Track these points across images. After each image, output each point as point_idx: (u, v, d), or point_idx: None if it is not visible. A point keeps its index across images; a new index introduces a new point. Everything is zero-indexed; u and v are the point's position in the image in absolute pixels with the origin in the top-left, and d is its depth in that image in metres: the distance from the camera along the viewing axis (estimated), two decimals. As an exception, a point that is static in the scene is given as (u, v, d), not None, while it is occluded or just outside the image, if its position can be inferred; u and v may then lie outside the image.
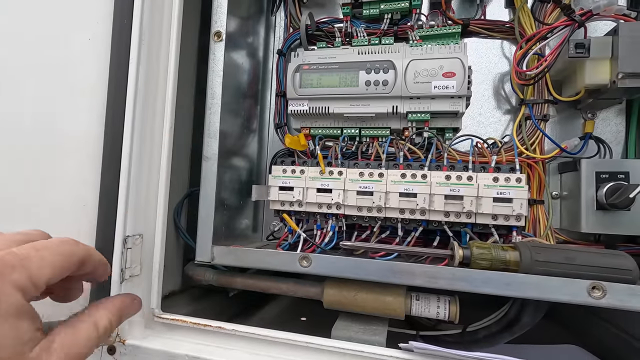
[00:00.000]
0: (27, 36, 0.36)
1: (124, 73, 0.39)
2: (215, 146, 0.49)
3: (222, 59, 0.49)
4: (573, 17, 0.47)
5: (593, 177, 0.47)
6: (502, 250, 0.39)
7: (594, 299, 0.35)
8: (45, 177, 0.38)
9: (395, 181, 0.49)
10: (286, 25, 0.68)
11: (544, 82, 0.53)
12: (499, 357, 0.34)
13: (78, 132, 0.40)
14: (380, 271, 0.42)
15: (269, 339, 0.41)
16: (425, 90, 0.52)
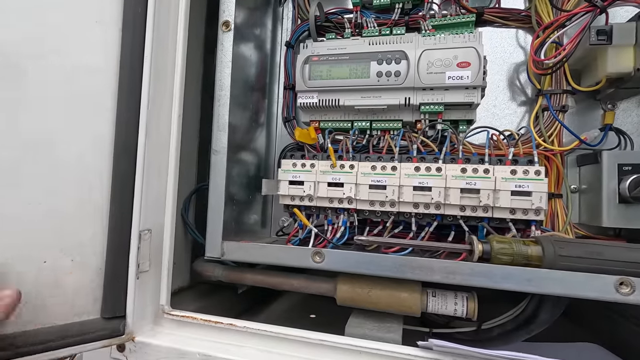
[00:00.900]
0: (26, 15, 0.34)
1: (138, 61, 0.38)
2: (225, 139, 0.48)
3: (231, 50, 0.48)
4: (595, 3, 0.45)
5: (615, 169, 0.46)
6: (523, 244, 0.38)
7: (622, 295, 0.33)
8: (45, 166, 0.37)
9: (409, 174, 0.48)
10: (294, 17, 0.66)
11: (562, 71, 0.51)
12: (520, 355, 0.33)
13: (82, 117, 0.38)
14: (395, 267, 0.41)
15: (282, 336, 0.40)
16: (439, 81, 0.51)
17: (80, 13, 0.37)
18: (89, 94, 0.38)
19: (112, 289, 0.40)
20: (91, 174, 0.38)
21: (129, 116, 0.39)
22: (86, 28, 0.37)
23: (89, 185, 0.38)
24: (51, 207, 0.36)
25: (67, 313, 0.38)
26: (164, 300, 0.44)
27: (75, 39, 0.37)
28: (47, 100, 0.36)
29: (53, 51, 0.36)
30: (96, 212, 0.39)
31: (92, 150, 0.38)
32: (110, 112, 0.39)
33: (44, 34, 0.35)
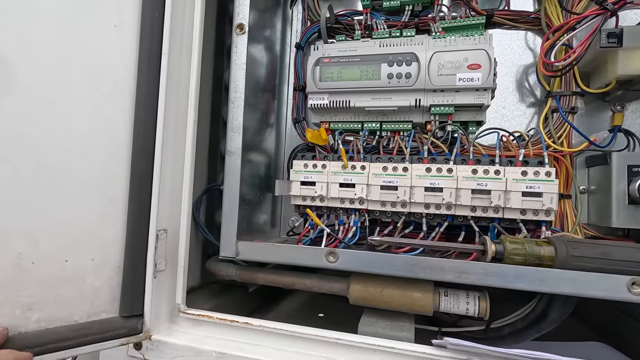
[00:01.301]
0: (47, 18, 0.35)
1: (156, 65, 0.39)
2: (239, 141, 0.49)
3: (245, 52, 0.48)
4: (605, 6, 0.45)
5: (625, 170, 0.46)
6: (536, 245, 0.38)
7: (634, 295, 0.34)
8: (69, 170, 0.37)
9: (420, 175, 0.49)
10: (304, 19, 0.67)
11: (572, 73, 0.51)
12: (535, 352, 0.33)
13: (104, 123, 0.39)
14: (408, 266, 0.41)
15: (297, 334, 0.41)
16: (449, 83, 0.51)
17: (100, 18, 0.38)
18: (110, 96, 0.39)
19: (131, 288, 0.41)
20: (114, 178, 0.38)
21: (147, 119, 0.40)
22: (106, 32, 0.38)
23: (110, 189, 0.39)
24: (75, 212, 0.37)
25: (88, 311, 0.39)
26: (180, 299, 0.45)
27: (95, 43, 0.38)
28: (72, 102, 0.36)
29: (74, 55, 0.36)
30: (116, 215, 0.39)
31: (114, 154, 0.39)
32: (128, 112, 0.40)
33: (66, 38, 0.36)
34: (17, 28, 0.34)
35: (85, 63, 0.37)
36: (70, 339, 0.36)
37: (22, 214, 0.34)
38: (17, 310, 0.35)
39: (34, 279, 0.35)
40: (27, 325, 0.35)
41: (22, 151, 0.34)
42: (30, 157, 0.35)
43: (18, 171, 0.34)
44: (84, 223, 0.38)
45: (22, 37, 0.34)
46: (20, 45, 0.34)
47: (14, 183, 0.34)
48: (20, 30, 0.34)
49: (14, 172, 0.34)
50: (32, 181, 0.35)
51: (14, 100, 0.34)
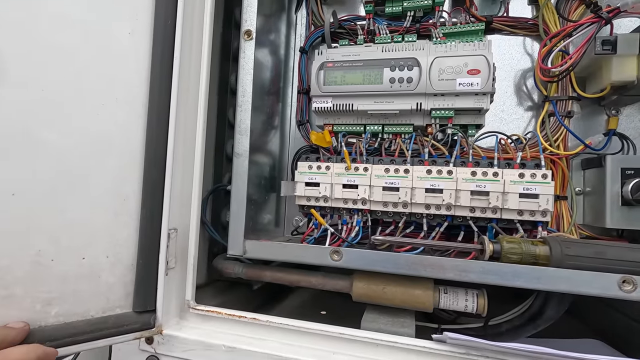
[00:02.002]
0: (70, 24, 0.37)
1: (167, 71, 0.40)
2: (247, 143, 0.50)
3: (253, 57, 0.50)
4: (600, 14, 0.47)
5: (618, 173, 0.48)
6: (532, 244, 0.40)
7: (624, 293, 0.36)
8: (84, 173, 0.39)
9: (421, 177, 0.50)
10: (307, 23, 0.68)
11: (568, 78, 0.53)
12: (530, 346, 0.35)
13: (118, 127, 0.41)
14: (410, 265, 0.43)
15: (303, 329, 0.42)
16: (449, 87, 0.53)
17: (116, 26, 0.39)
18: (123, 101, 0.40)
19: (143, 284, 0.42)
20: (127, 180, 0.40)
21: (158, 124, 0.42)
22: (121, 40, 0.40)
23: (124, 190, 0.40)
24: (92, 211, 0.39)
25: (103, 306, 0.40)
26: (190, 295, 0.47)
27: (112, 50, 0.39)
28: (89, 108, 0.38)
29: (94, 62, 0.38)
30: (130, 215, 0.41)
31: (127, 157, 0.40)
32: (141, 117, 0.42)
33: (89, 46, 0.38)
34: (48, 37, 0.36)
35: (102, 70, 0.39)
36: (87, 332, 0.38)
37: (43, 213, 0.36)
38: (38, 305, 0.36)
39: (53, 275, 0.37)
40: (46, 320, 0.37)
41: (42, 154, 0.36)
42: (50, 160, 0.36)
43: (38, 173, 0.36)
44: (100, 222, 0.40)
45: (47, 46, 0.36)
46: (45, 54, 0.36)
47: (35, 185, 0.36)
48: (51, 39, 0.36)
49: (34, 175, 0.36)
50: (52, 183, 0.37)
51: (36, 106, 0.36)
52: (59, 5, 0.36)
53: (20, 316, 0.35)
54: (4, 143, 0.34)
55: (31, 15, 0.35)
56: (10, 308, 0.35)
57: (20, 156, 0.35)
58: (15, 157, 0.35)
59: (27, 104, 0.35)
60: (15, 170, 0.35)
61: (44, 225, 0.37)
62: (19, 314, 0.35)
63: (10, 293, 0.35)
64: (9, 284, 0.35)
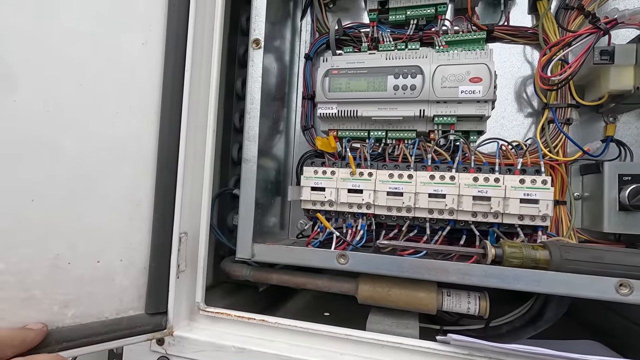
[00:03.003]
0: (83, 36, 0.38)
1: (179, 79, 0.41)
2: (255, 149, 0.52)
3: (261, 66, 0.51)
4: (598, 25, 0.49)
5: (616, 179, 0.49)
6: (532, 249, 0.42)
7: (621, 296, 0.37)
8: (100, 179, 0.40)
9: (424, 182, 0.52)
10: (312, 30, 0.70)
11: (567, 87, 0.55)
12: (532, 348, 0.36)
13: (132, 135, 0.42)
14: (414, 268, 0.44)
15: (310, 331, 0.44)
16: (452, 95, 0.54)
17: (130, 37, 0.41)
18: (137, 109, 0.42)
19: (156, 287, 0.43)
20: (141, 185, 0.41)
21: (170, 130, 0.43)
22: (134, 50, 0.41)
23: (137, 195, 0.41)
24: (107, 216, 0.40)
25: (117, 308, 0.41)
26: (199, 297, 0.48)
27: (125, 60, 0.41)
28: (104, 116, 0.39)
29: (107, 72, 0.40)
30: (142, 219, 0.42)
31: (140, 162, 0.42)
32: (154, 124, 0.43)
33: (100, 57, 0.39)
34: (59, 49, 0.37)
35: (116, 79, 0.40)
36: (102, 333, 0.39)
37: (60, 219, 0.37)
38: (55, 307, 0.37)
39: (69, 278, 0.38)
40: (63, 321, 0.38)
41: (59, 161, 0.37)
42: (67, 167, 0.38)
43: (56, 180, 0.37)
44: (115, 227, 0.41)
45: (62, 58, 0.37)
46: (60, 65, 0.37)
47: (53, 191, 0.37)
48: (62, 51, 0.37)
49: (52, 181, 0.37)
50: (69, 189, 0.38)
51: (51, 115, 0.37)
52: (73, 20, 0.37)
53: (39, 317, 0.36)
54: (23, 150, 0.35)
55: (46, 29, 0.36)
56: (30, 310, 0.36)
57: (38, 163, 0.36)
58: (33, 164, 0.36)
59: (43, 113, 0.37)
60: (34, 176, 0.36)
61: (62, 230, 0.38)
62: (37, 315, 0.36)
63: (30, 295, 0.36)
64: (29, 287, 0.36)
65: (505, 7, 0.61)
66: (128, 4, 0.41)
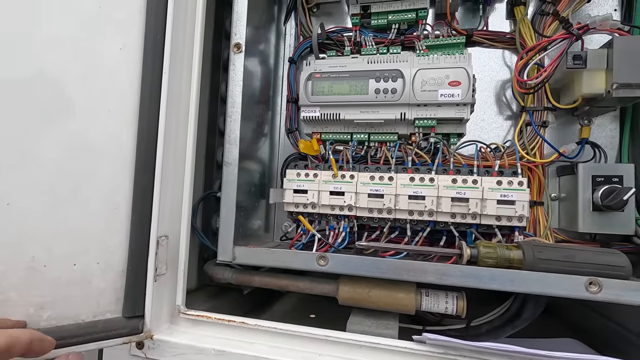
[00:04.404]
0: (62, 42, 0.39)
1: (157, 83, 0.42)
2: (236, 152, 0.52)
3: (242, 70, 0.52)
4: (571, 31, 0.50)
5: (589, 180, 0.51)
6: (506, 249, 0.42)
7: (591, 294, 0.38)
8: (78, 182, 0.40)
9: (404, 184, 0.52)
10: (296, 34, 0.70)
11: (544, 90, 0.56)
12: (504, 345, 0.37)
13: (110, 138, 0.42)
14: (393, 269, 0.45)
15: (290, 332, 0.44)
16: (432, 98, 0.55)
17: (108, 42, 0.41)
18: (116, 112, 0.42)
19: (133, 290, 0.43)
20: (119, 188, 0.41)
21: (149, 133, 0.43)
22: (113, 54, 0.41)
23: (115, 198, 0.41)
24: (84, 219, 0.40)
25: (93, 311, 0.41)
26: (180, 300, 0.48)
27: (104, 65, 0.41)
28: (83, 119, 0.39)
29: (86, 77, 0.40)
30: (120, 222, 0.42)
31: (118, 165, 0.42)
32: (132, 127, 0.43)
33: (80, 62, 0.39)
34: (40, 55, 0.37)
35: (94, 83, 0.40)
36: (78, 336, 0.39)
37: (37, 221, 0.37)
38: (31, 309, 0.37)
39: (45, 280, 0.38)
40: (39, 323, 0.38)
41: (35, 165, 0.37)
42: (43, 169, 0.38)
43: (32, 184, 0.37)
44: (92, 230, 0.41)
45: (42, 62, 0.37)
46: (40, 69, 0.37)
47: (28, 195, 0.37)
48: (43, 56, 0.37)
49: (27, 185, 0.37)
50: (45, 192, 0.38)
51: (31, 117, 0.37)
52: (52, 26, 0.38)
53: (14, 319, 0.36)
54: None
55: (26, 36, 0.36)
56: (6, 311, 0.36)
57: (14, 166, 0.36)
58: (9, 168, 0.36)
59: (20, 116, 0.37)
60: (10, 180, 0.36)
61: (38, 233, 0.38)
62: (13, 317, 0.36)
63: (5, 297, 0.36)
64: (4, 289, 0.36)
65: (484, 12, 0.62)
66: (107, 10, 0.41)
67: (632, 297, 0.38)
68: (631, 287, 0.38)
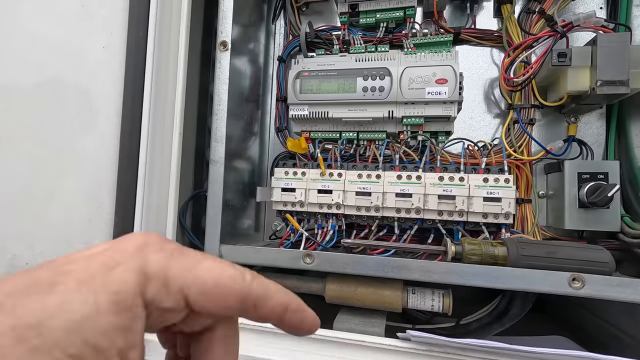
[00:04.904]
0: (44, 42, 0.38)
1: (140, 82, 0.41)
2: (222, 150, 0.52)
3: (228, 68, 0.51)
4: (556, 29, 0.50)
5: (575, 177, 0.51)
6: (491, 246, 0.42)
7: (574, 289, 0.38)
8: (61, 179, 0.40)
9: (391, 182, 0.52)
10: (286, 33, 0.70)
11: (530, 88, 0.56)
12: (487, 342, 0.37)
13: (92, 136, 0.42)
14: (379, 266, 0.45)
15: (276, 331, 0.44)
16: (419, 96, 0.55)
17: (90, 41, 0.41)
18: (99, 110, 0.41)
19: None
20: (102, 186, 0.41)
21: (132, 132, 0.43)
22: (95, 54, 0.41)
23: (98, 196, 0.41)
24: (67, 217, 0.40)
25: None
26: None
27: (86, 64, 0.41)
28: (64, 117, 0.39)
29: (67, 75, 0.39)
30: (105, 221, 0.42)
31: (101, 164, 0.41)
32: (115, 126, 0.43)
33: (60, 60, 0.39)
34: (18, 52, 0.37)
35: (76, 82, 0.40)
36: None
37: (18, 219, 0.37)
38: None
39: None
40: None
41: (17, 163, 0.37)
42: (25, 169, 0.37)
43: (13, 182, 0.37)
44: (74, 228, 0.41)
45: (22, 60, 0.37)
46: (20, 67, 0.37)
47: (10, 191, 0.37)
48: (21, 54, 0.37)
49: (8, 183, 0.37)
50: (28, 190, 0.37)
51: (10, 116, 0.37)
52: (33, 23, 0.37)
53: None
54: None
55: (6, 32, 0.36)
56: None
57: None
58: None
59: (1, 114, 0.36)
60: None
61: (19, 231, 0.38)
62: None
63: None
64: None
65: (472, 10, 0.62)
66: (89, 9, 0.41)
67: (615, 293, 0.38)
68: (614, 283, 0.38)
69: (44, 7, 0.39)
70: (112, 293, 0.15)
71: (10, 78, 0.36)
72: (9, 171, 0.36)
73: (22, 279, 0.15)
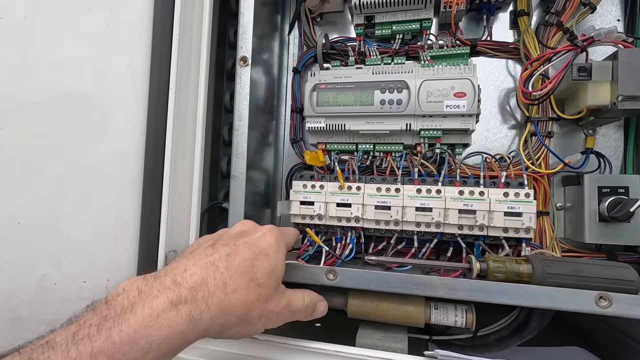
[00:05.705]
0: (69, 63, 0.38)
1: (164, 100, 0.42)
2: (243, 165, 0.52)
3: (249, 83, 0.52)
4: (576, 43, 0.50)
5: (595, 191, 0.51)
6: (516, 263, 0.43)
7: (601, 308, 0.38)
8: (87, 199, 0.40)
9: (411, 196, 0.53)
10: (300, 43, 0.70)
11: (548, 101, 0.56)
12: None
13: (117, 156, 0.42)
14: (402, 283, 0.45)
15: (300, 348, 0.44)
16: (437, 109, 0.56)
17: (115, 60, 0.41)
18: (122, 129, 0.42)
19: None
20: (127, 205, 0.41)
21: (155, 150, 0.43)
22: (120, 72, 0.41)
23: (123, 215, 0.41)
24: (93, 237, 0.40)
25: (104, 330, 0.41)
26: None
27: (111, 83, 0.41)
28: (89, 137, 0.39)
29: (92, 94, 0.40)
30: (130, 240, 0.42)
31: (126, 182, 0.41)
32: (139, 144, 0.43)
33: (86, 81, 0.39)
34: (45, 76, 0.37)
35: (100, 102, 0.40)
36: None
37: (46, 240, 0.37)
38: (42, 327, 0.37)
39: (55, 298, 0.38)
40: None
41: (45, 185, 0.37)
42: (52, 190, 0.38)
43: (42, 203, 0.37)
44: (101, 247, 0.41)
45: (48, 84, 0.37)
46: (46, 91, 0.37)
47: (39, 213, 0.37)
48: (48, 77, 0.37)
49: (37, 204, 0.37)
50: (54, 211, 0.38)
51: (38, 136, 0.37)
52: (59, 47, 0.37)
53: (26, 337, 0.36)
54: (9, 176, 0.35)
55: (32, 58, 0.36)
56: (17, 330, 0.36)
57: (24, 188, 0.36)
58: (19, 189, 0.36)
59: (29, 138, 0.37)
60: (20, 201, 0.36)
61: (48, 251, 0.38)
62: (25, 335, 0.36)
63: (17, 315, 0.36)
64: (15, 307, 0.36)
65: (488, 22, 0.62)
66: (113, 28, 0.41)
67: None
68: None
69: (70, 28, 0.39)
70: (276, 240, 0.41)
71: (36, 100, 0.37)
72: (36, 193, 0.37)
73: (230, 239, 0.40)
